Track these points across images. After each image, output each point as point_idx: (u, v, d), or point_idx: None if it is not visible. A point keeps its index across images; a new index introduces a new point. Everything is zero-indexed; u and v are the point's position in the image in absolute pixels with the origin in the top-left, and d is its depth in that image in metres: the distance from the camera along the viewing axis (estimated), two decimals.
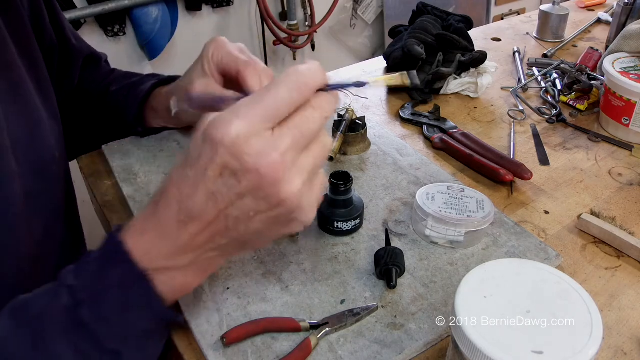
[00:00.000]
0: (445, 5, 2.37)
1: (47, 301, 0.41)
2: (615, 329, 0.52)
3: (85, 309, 0.40)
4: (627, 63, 0.83)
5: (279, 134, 0.38)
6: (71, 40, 0.76)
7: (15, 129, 0.57)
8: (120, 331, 0.41)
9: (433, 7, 1.04)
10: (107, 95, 0.77)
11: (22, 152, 0.58)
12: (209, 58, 0.66)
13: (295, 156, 0.38)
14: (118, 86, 0.77)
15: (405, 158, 0.75)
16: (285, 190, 0.37)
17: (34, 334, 0.40)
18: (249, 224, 0.40)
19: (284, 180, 0.37)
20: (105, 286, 0.41)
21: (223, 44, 0.66)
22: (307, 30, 2.11)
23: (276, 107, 0.37)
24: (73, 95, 0.79)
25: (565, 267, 0.59)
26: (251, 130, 0.37)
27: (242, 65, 0.63)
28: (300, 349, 0.48)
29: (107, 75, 0.81)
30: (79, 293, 0.40)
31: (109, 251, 0.42)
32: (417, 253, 0.59)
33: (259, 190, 0.38)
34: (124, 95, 0.74)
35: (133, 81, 0.77)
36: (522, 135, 0.83)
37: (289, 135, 0.38)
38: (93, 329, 0.40)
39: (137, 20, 1.67)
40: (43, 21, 0.68)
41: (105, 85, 0.79)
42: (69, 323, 0.40)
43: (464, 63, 0.92)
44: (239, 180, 0.37)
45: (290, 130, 0.38)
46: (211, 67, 0.66)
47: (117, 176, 0.72)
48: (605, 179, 0.74)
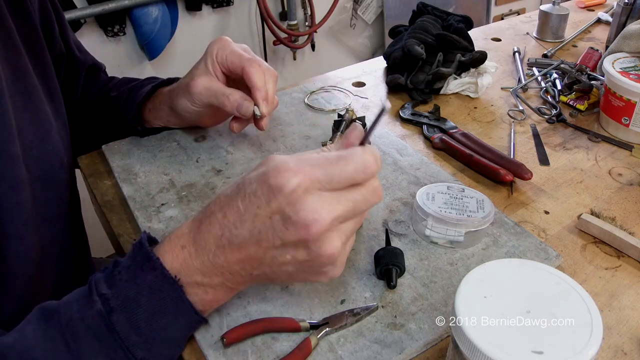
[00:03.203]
0: (445, 5, 2.37)
1: (79, 308, 0.42)
2: (615, 329, 0.52)
3: (117, 316, 0.41)
4: (627, 63, 0.83)
5: (337, 200, 0.40)
6: (75, 52, 0.76)
7: (26, 137, 0.57)
8: (150, 339, 0.42)
9: (433, 7, 1.04)
10: (107, 100, 0.77)
11: (33, 159, 0.58)
12: (213, 56, 0.66)
13: (342, 223, 0.41)
14: (118, 91, 0.77)
15: (405, 158, 0.75)
16: (325, 249, 0.40)
17: (66, 341, 0.40)
18: (282, 266, 0.42)
19: (327, 240, 0.40)
20: (137, 293, 0.41)
21: (227, 43, 0.67)
22: (307, 30, 2.11)
23: (339, 179, 0.40)
24: (76, 105, 0.79)
25: (565, 267, 0.59)
26: (311, 187, 0.39)
27: (246, 62, 0.64)
28: (300, 349, 0.48)
29: (106, 83, 0.82)
30: (112, 301, 0.41)
31: (140, 259, 0.43)
32: (417, 253, 0.59)
33: (303, 242, 0.40)
34: (124, 99, 0.75)
35: (133, 85, 0.77)
36: (522, 135, 0.83)
37: (345, 205, 0.40)
38: (124, 337, 0.41)
39: (137, 20, 1.67)
40: (53, 30, 0.68)
41: (104, 92, 0.79)
42: (100, 330, 0.41)
43: (464, 63, 0.92)
44: (287, 227, 0.40)
45: (347, 202, 0.40)
46: (215, 66, 0.66)
47: (117, 176, 0.72)
48: (605, 179, 0.74)
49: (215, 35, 1.96)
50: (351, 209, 0.41)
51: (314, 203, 0.39)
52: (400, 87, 0.93)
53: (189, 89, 0.66)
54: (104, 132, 0.79)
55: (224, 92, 0.65)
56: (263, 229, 0.40)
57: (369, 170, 0.41)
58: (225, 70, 0.67)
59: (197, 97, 0.67)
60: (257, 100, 0.65)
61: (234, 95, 0.65)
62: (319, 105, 0.89)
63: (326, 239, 0.40)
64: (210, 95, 0.66)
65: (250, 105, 0.65)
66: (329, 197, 0.40)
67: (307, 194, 0.39)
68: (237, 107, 0.65)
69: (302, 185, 0.39)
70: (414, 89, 0.92)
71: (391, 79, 0.93)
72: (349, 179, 0.40)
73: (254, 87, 0.65)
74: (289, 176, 0.39)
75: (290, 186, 0.38)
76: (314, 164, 0.40)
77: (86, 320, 0.41)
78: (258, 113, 0.66)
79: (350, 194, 0.41)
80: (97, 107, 0.79)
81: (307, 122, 0.84)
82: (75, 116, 0.78)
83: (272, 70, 0.68)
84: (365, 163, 0.40)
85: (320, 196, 0.39)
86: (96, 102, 0.79)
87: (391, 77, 0.93)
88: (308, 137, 0.80)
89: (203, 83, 0.66)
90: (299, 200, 0.39)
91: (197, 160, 0.74)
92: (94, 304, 0.41)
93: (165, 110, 0.73)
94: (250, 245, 0.41)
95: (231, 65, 0.66)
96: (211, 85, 0.66)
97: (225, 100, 0.65)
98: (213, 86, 0.66)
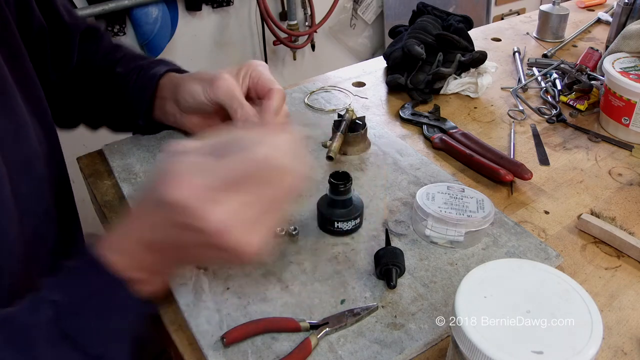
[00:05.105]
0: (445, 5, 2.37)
1: (30, 315, 0.43)
2: (615, 329, 0.52)
3: (68, 321, 0.43)
4: (627, 63, 0.83)
5: (211, 172, 0.42)
6: (63, 17, 0.73)
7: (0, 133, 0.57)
8: (102, 336, 0.44)
9: (433, 7, 1.04)
10: (113, 76, 0.76)
11: (8, 152, 0.57)
12: (248, 70, 0.68)
13: (224, 192, 0.42)
14: (124, 68, 0.76)
15: (405, 158, 0.75)
16: (208, 216, 0.41)
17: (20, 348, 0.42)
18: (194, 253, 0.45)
19: (208, 208, 0.41)
20: (87, 296, 0.44)
21: (265, 68, 0.69)
22: (307, 30, 2.11)
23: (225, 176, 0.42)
24: (75, 72, 0.77)
25: (565, 267, 0.59)
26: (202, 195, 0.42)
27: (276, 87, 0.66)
28: (300, 349, 0.48)
29: (112, 50, 0.80)
30: (61, 306, 0.43)
31: (85, 264, 0.45)
32: (417, 253, 0.59)
33: (183, 219, 0.42)
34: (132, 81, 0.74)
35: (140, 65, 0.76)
36: (522, 135, 0.83)
37: (219, 176, 0.42)
38: (77, 339, 0.43)
39: (137, 20, 1.67)
40: (30, 5, 0.66)
41: (110, 62, 0.77)
42: (54, 335, 0.42)
43: (464, 63, 0.92)
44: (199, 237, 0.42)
45: (223, 171, 0.42)
46: (245, 78, 0.68)
47: (117, 176, 0.72)
48: (605, 179, 0.74)
49: (215, 35, 1.96)
50: (228, 179, 0.42)
51: (186, 174, 0.41)
52: (400, 87, 0.93)
53: (213, 79, 0.67)
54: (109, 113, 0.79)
55: (241, 102, 0.66)
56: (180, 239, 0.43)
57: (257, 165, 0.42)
58: (252, 85, 0.68)
59: (216, 90, 0.67)
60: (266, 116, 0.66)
61: (248, 109, 0.66)
62: (319, 105, 0.89)
63: (206, 208, 0.41)
64: (228, 96, 0.67)
65: None
66: (202, 168, 0.42)
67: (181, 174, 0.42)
68: (246, 121, 0.66)
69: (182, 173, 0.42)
70: (414, 89, 0.92)
71: (391, 79, 0.93)
72: (237, 176, 0.42)
73: (269, 106, 0.65)
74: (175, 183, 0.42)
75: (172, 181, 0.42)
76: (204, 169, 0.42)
77: (39, 327, 0.42)
78: None
79: (227, 164, 0.42)
80: (101, 76, 0.77)
81: (307, 122, 0.84)
82: (77, 83, 0.77)
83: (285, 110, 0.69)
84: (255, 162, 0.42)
85: (193, 167, 0.42)
86: (100, 70, 0.77)
87: (391, 77, 0.93)
88: (308, 137, 0.80)
89: (229, 82, 0.67)
90: (174, 177, 0.41)
91: None
92: (45, 310, 0.43)
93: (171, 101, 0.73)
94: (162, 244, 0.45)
95: (260, 85, 0.67)
96: (234, 89, 0.67)
97: (239, 109, 0.66)
98: (236, 91, 0.67)
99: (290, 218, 0.64)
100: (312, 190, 0.68)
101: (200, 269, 0.57)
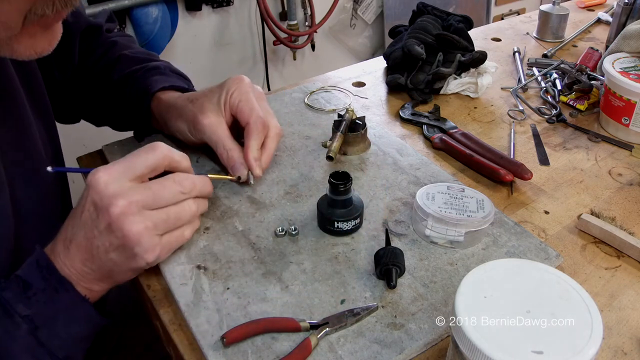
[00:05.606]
0: (445, 5, 2.37)
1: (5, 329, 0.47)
2: (615, 329, 0.52)
3: (42, 332, 0.48)
4: (627, 63, 0.83)
5: (135, 188, 0.50)
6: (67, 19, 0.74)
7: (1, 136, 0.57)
8: (69, 342, 0.51)
9: (433, 7, 1.04)
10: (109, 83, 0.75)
11: (10, 159, 0.57)
12: (227, 96, 0.67)
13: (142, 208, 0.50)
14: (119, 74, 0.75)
15: (405, 158, 0.75)
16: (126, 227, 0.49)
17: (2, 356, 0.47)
18: (107, 254, 0.50)
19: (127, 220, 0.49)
20: (56, 311, 0.50)
21: (244, 87, 0.67)
22: (307, 30, 2.11)
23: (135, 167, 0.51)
24: (77, 72, 0.77)
25: (565, 267, 0.59)
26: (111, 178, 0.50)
27: (252, 119, 0.66)
28: (300, 349, 0.48)
29: (107, 48, 0.78)
30: (35, 320, 0.48)
31: (52, 281, 0.50)
32: (417, 253, 0.59)
33: (108, 225, 0.49)
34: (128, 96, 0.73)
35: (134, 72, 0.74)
36: (522, 135, 0.83)
37: (142, 193, 0.50)
38: (50, 346, 0.49)
39: (137, 20, 1.67)
40: None
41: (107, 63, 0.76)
42: (31, 345, 0.48)
43: (464, 63, 0.92)
44: (98, 215, 0.50)
45: (146, 190, 0.51)
46: (226, 105, 0.67)
47: None
48: (605, 179, 0.74)
49: (215, 35, 1.96)
50: (150, 195, 0.51)
51: (113, 189, 0.49)
52: (400, 87, 0.93)
53: (196, 121, 0.66)
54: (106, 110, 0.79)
55: (225, 145, 0.66)
56: (84, 221, 0.50)
57: None
58: (233, 114, 0.67)
59: (199, 132, 0.67)
60: (249, 163, 0.65)
61: (233, 153, 0.65)
62: (319, 105, 0.89)
63: (126, 219, 0.49)
64: (212, 138, 0.66)
65: (245, 171, 0.66)
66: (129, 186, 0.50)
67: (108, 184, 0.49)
68: (232, 166, 0.66)
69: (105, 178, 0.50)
70: (414, 89, 0.92)
71: (391, 79, 0.93)
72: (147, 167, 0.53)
73: (248, 149, 0.65)
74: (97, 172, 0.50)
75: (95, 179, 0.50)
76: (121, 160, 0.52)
77: (17, 340, 0.47)
78: (252, 181, 0.66)
79: (150, 183, 0.52)
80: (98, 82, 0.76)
81: (307, 122, 0.84)
82: (77, 84, 0.77)
83: (277, 129, 0.69)
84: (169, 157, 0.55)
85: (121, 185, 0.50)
86: (98, 75, 0.76)
87: (391, 77, 0.93)
88: (308, 137, 0.80)
89: (211, 122, 0.66)
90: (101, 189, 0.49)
91: (197, 161, 0.74)
92: (20, 324, 0.47)
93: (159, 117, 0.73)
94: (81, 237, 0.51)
95: (239, 114, 0.66)
96: (218, 129, 0.66)
97: (224, 154, 0.66)
98: (219, 131, 0.66)
99: (290, 218, 0.64)
100: (312, 190, 0.68)
101: (200, 268, 0.57)
